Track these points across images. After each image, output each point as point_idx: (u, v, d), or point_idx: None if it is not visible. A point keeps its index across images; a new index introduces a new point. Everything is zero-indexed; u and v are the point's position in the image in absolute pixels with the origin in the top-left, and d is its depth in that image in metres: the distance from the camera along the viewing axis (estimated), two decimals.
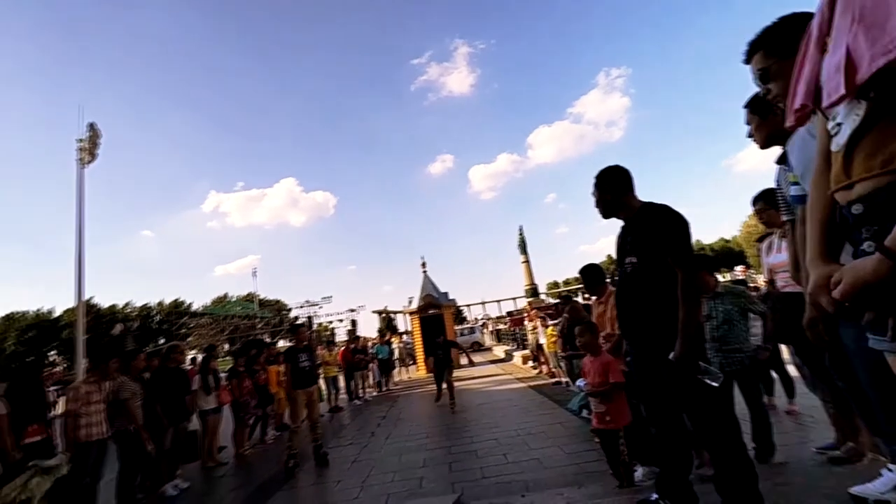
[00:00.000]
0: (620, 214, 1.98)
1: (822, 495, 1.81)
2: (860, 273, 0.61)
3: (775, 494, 1.82)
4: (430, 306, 16.66)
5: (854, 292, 0.61)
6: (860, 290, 0.60)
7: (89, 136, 18.77)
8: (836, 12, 0.70)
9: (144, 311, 68.57)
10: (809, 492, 1.84)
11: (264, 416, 7.27)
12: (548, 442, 4.81)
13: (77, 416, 3.92)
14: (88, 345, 14.44)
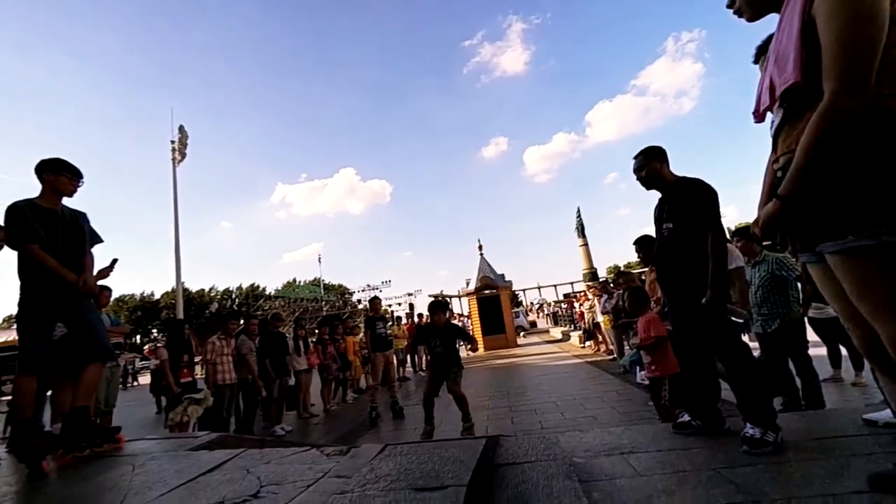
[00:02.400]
0: (658, 187, 2.36)
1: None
2: (767, 211, 1.04)
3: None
4: (487, 287, 17.19)
5: (764, 224, 1.04)
6: (766, 222, 1.04)
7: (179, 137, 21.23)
8: (769, 52, 1.11)
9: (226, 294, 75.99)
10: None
11: (344, 379, 8.30)
12: (603, 404, 5.21)
13: (214, 364, 4.98)
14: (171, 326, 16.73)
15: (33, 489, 2.15)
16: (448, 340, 4.62)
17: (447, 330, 4.70)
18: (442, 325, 4.67)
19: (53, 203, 2.75)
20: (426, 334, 4.80)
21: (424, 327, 5.58)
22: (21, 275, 2.60)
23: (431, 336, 4.68)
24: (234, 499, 1.50)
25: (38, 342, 2.52)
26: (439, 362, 4.63)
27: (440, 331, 4.63)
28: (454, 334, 4.74)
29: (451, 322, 4.98)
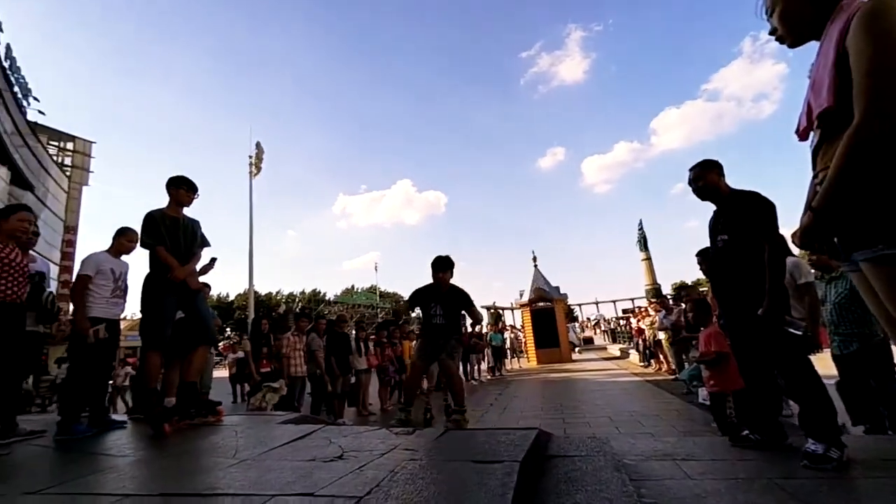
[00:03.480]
0: (713, 198, 2.40)
1: None
2: (802, 223, 1.14)
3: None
4: (541, 299, 16.99)
5: (800, 235, 1.15)
6: (802, 233, 1.15)
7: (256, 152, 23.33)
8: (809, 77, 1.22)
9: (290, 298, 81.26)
10: None
11: (400, 382, 8.67)
12: (661, 422, 5.06)
13: (288, 358, 5.53)
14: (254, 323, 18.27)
15: (159, 445, 2.63)
16: (451, 309, 3.73)
17: (452, 295, 3.76)
18: (446, 288, 3.74)
19: (176, 212, 3.35)
20: (425, 297, 3.81)
21: (424, 288, 3.93)
22: (151, 269, 3.18)
23: (432, 300, 3.77)
24: (323, 458, 1.80)
25: (164, 325, 3.07)
26: (436, 334, 3.77)
27: (443, 296, 3.75)
28: (459, 302, 3.79)
29: (458, 287, 3.88)
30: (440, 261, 3.87)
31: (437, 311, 3.74)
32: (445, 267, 3.81)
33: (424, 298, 3.84)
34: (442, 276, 3.77)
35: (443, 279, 3.78)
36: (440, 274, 3.79)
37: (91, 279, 3.46)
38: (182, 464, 2.07)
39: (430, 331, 3.88)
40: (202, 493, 1.45)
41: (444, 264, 3.83)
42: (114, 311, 3.64)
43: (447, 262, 3.88)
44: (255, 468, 1.75)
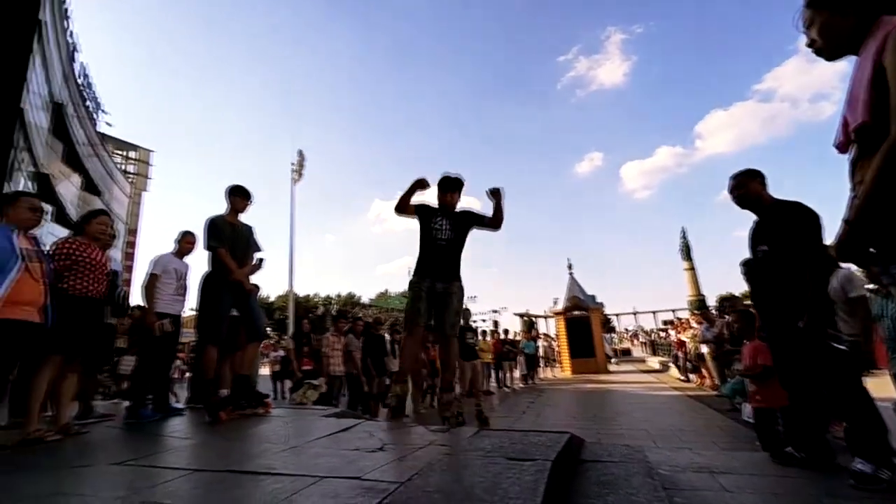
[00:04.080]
0: (754, 208, 2.36)
1: None
2: (836, 235, 1.16)
3: None
4: (577, 308, 16.68)
5: (836, 247, 1.16)
6: (837, 246, 1.16)
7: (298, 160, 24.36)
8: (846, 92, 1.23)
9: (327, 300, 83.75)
10: None
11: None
12: (701, 438, 4.88)
13: (328, 357, 5.79)
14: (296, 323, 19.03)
15: (216, 431, 2.88)
16: (460, 228, 3.07)
17: (461, 215, 3.16)
18: (453, 208, 3.14)
19: (234, 218, 3.65)
20: (430, 210, 3.10)
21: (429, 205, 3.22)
22: (212, 270, 3.48)
23: (438, 214, 3.07)
24: (366, 448, 1.94)
25: (221, 321, 3.35)
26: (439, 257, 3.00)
27: (450, 213, 3.12)
28: (469, 221, 3.15)
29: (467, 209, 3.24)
30: (448, 180, 3.11)
31: (443, 225, 2.99)
32: (454, 187, 3.09)
33: (429, 211, 3.06)
34: (450, 199, 3.06)
35: (450, 202, 3.07)
36: (448, 195, 3.06)
37: (159, 278, 3.83)
38: (239, 448, 2.27)
39: (432, 253, 3.01)
40: (260, 471, 1.62)
41: (453, 184, 3.09)
42: (176, 308, 4.00)
43: (456, 182, 3.12)
44: (305, 454, 1.91)
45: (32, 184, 15.79)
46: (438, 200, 3.17)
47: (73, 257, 3.06)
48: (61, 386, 2.99)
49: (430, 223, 3.06)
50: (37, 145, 15.39)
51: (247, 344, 3.56)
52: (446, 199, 3.16)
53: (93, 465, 2.03)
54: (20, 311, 2.48)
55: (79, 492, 1.63)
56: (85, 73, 23.91)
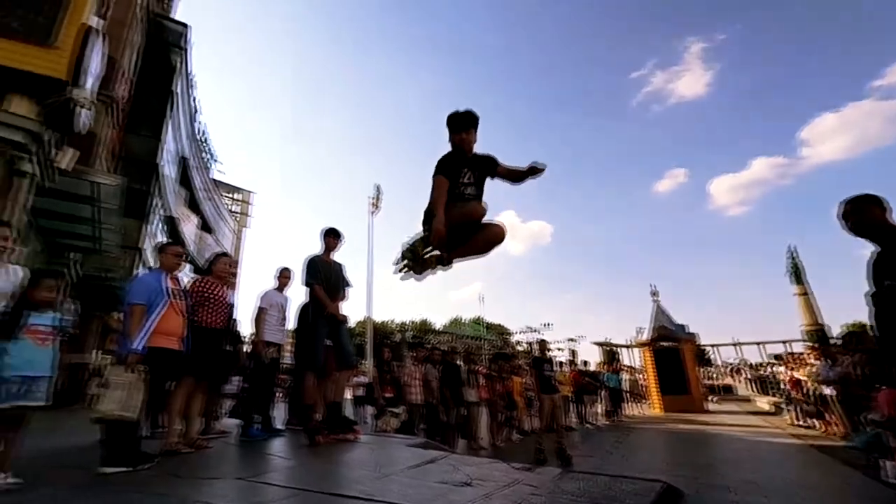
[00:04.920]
0: (874, 237, 2.09)
1: None
2: None
3: None
4: (664, 338, 15.36)
5: None
6: None
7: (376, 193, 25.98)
8: None
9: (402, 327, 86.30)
10: None
11: (510, 418, 8.61)
12: (830, 498, 4.19)
13: (408, 386, 6.01)
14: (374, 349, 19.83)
15: (314, 454, 3.15)
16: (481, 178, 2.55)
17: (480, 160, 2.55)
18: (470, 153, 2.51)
19: (328, 256, 4.07)
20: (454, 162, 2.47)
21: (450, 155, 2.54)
22: (309, 303, 3.88)
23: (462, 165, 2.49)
24: (453, 482, 2.02)
25: (318, 351, 3.70)
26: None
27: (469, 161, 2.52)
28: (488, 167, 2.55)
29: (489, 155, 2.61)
30: (460, 117, 2.47)
31: (468, 179, 2.49)
32: (468, 123, 2.47)
33: (454, 164, 2.47)
34: (465, 138, 2.45)
35: (466, 141, 2.46)
36: (462, 135, 2.45)
37: (266, 311, 4.36)
38: (336, 471, 2.48)
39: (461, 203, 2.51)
40: (362, 497, 1.78)
41: (467, 120, 2.46)
42: (279, 337, 4.50)
43: (470, 118, 2.47)
44: (397, 483, 2.04)
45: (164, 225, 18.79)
46: (451, 142, 2.48)
47: (205, 294, 3.64)
48: (191, 404, 3.49)
49: (457, 179, 2.45)
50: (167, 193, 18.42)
51: (338, 372, 3.87)
52: (460, 138, 2.47)
53: (222, 479, 2.36)
54: (165, 339, 3.00)
55: (213, 502, 1.92)
56: (203, 130, 28.32)
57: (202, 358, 3.41)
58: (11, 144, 5.41)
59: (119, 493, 2.10)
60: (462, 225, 2.31)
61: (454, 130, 2.50)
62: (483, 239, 2.44)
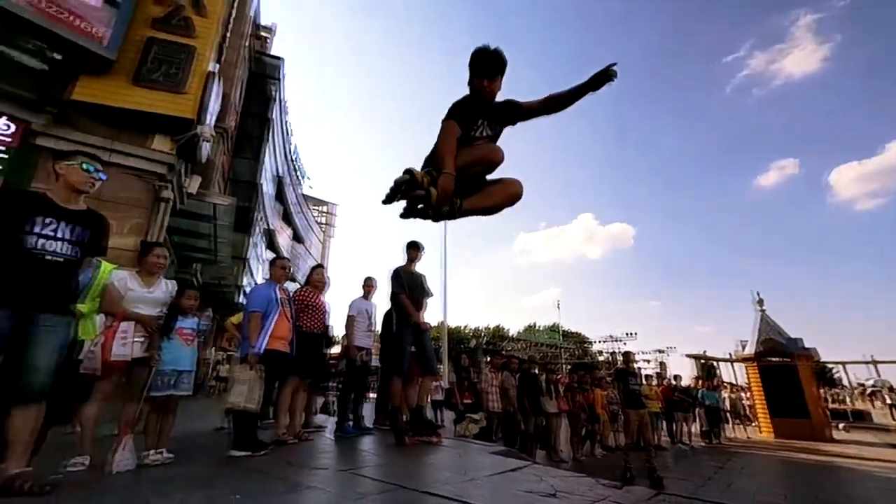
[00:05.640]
0: None
1: None
2: None
3: None
4: (774, 352, 13.60)
5: None
6: None
7: None
8: None
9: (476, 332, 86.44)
10: None
11: (592, 432, 8.24)
12: None
13: (487, 393, 6.07)
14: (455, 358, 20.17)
15: (402, 453, 3.36)
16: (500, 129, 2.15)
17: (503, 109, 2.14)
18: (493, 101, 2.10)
19: (411, 267, 4.32)
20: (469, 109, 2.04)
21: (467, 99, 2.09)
22: (396, 313, 4.15)
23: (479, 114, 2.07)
24: (538, 492, 2.05)
25: (404, 357, 3.94)
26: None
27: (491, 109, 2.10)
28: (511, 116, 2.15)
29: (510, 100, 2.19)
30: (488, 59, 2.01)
31: (483, 132, 2.09)
32: (496, 69, 2.03)
33: (470, 111, 2.03)
34: (489, 86, 2.04)
35: (489, 89, 2.05)
36: (486, 81, 2.02)
37: (355, 318, 4.74)
38: (426, 471, 2.63)
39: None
40: (453, 498, 1.89)
41: (496, 64, 2.01)
42: (367, 342, 4.85)
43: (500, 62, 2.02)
44: (485, 488, 2.12)
45: (263, 237, 21.13)
46: (471, 87, 2.06)
47: (306, 302, 4.08)
48: (295, 401, 3.92)
49: (469, 129, 2.03)
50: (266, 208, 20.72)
51: (421, 378, 4.08)
52: (482, 85, 2.03)
53: (326, 469, 2.64)
54: (278, 343, 3.42)
55: (327, 489, 2.17)
56: (294, 150, 31.35)
57: (305, 359, 3.82)
58: (156, 175, 6.52)
59: (247, 473, 2.46)
60: (475, 170, 1.91)
61: (478, 73, 2.04)
62: (499, 192, 2.00)
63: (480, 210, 1.98)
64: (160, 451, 2.71)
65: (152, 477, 2.36)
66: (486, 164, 1.93)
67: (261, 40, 18.08)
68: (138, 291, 2.81)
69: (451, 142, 1.86)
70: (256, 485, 2.20)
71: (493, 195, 1.99)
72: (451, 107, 2.05)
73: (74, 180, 2.22)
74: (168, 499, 1.89)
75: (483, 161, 1.92)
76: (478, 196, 1.96)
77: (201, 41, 7.17)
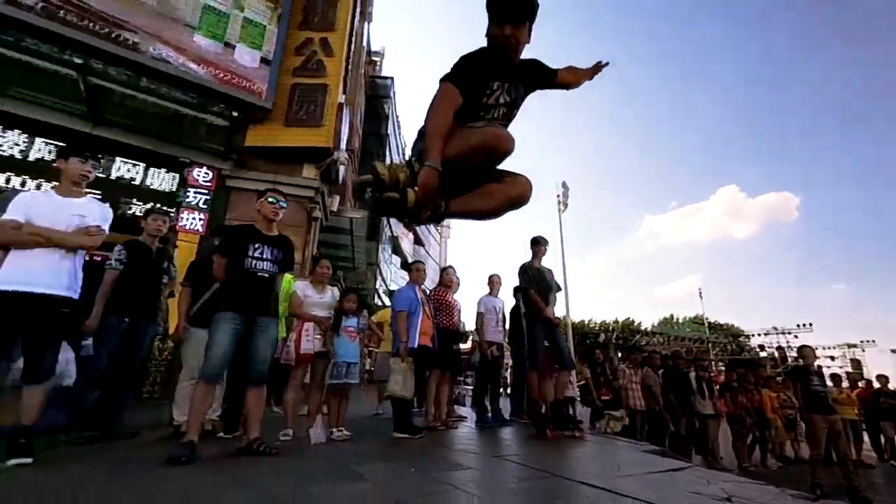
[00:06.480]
0: None
1: None
2: None
3: None
4: None
5: None
6: None
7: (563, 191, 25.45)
8: None
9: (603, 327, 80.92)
10: None
11: (763, 439, 7.09)
12: None
13: (627, 389, 5.73)
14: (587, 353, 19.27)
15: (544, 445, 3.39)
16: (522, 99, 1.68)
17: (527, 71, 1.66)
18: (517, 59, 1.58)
19: (539, 263, 4.33)
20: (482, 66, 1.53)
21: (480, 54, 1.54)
22: (526, 308, 4.21)
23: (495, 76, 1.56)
24: (710, 495, 1.90)
25: (538, 351, 3.98)
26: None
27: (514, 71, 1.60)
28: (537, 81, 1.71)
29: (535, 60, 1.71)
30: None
31: (499, 98, 1.60)
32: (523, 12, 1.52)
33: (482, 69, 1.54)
34: (512, 33, 1.50)
35: (513, 39, 1.51)
36: (507, 28, 1.49)
37: (485, 315, 4.93)
38: (575, 464, 2.64)
39: None
40: (615, 491, 1.87)
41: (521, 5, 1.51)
42: (498, 337, 5.01)
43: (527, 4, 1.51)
44: (647, 485, 2.04)
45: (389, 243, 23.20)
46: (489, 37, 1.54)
47: (440, 301, 4.41)
48: (441, 392, 4.26)
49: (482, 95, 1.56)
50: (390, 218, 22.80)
51: (557, 372, 4.06)
52: (508, 38, 1.50)
53: (478, 455, 2.83)
54: (425, 338, 3.77)
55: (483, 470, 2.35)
56: None
57: (445, 354, 4.14)
58: (307, 199, 7.71)
59: (411, 452, 2.80)
60: (472, 161, 1.39)
61: (497, 19, 1.50)
62: (500, 193, 1.51)
63: (473, 214, 1.56)
64: (341, 429, 3.25)
65: (341, 449, 2.84)
66: (488, 154, 1.39)
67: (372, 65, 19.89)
68: (313, 297, 3.41)
69: (444, 116, 1.37)
70: (423, 462, 2.49)
71: (492, 196, 1.51)
72: (456, 62, 1.50)
73: (267, 212, 2.82)
74: (360, 466, 2.27)
75: (485, 150, 1.38)
76: (471, 196, 1.51)
77: (332, 78, 8.25)
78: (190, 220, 6.85)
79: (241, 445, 2.52)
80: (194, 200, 7.01)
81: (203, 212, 7.00)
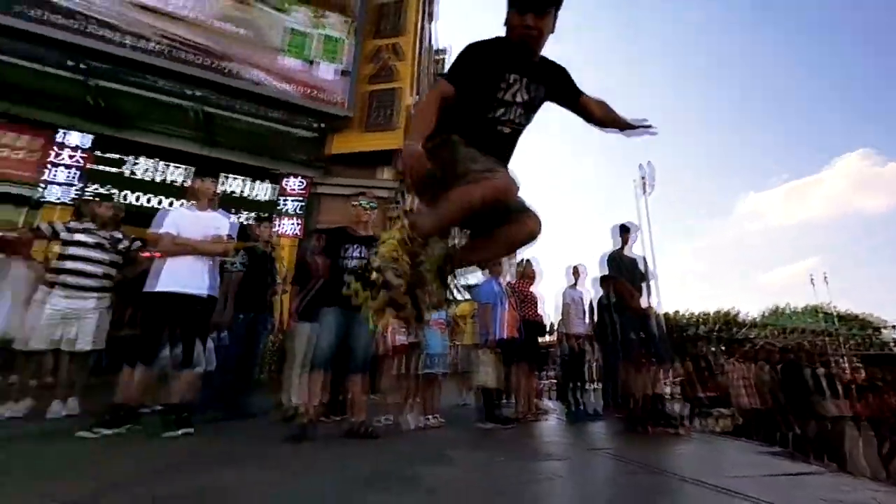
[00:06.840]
0: None
1: None
2: None
3: None
4: None
5: None
6: None
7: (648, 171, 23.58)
8: None
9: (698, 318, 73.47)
10: None
11: None
12: None
13: (735, 387, 5.22)
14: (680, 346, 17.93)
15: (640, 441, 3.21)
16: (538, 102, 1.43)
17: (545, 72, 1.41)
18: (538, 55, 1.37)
19: (628, 251, 4.11)
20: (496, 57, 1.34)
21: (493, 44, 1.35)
22: (616, 299, 4.02)
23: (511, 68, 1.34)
24: (833, 499, 1.69)
25: (628, 344, 3.78)
26: (499, 147, 1.37)
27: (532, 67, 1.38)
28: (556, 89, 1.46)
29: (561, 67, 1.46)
30: None
31: (516, 97, 1.37)
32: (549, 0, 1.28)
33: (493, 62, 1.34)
34: (535, 23, 1.29)
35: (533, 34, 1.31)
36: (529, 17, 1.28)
37: (570, 306, 4.81)
38: (680, 462, 2.48)
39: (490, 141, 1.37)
40: (730, 490, 1.74)
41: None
42: (582, 330, 4.85)
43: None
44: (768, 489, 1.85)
45: None
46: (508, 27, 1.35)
47: (523, 294, 4.39)
48: (529, 384, 4.25)
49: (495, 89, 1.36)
50: None
51: (654, 367, 3.82)
52: (530, 29, 1.31)
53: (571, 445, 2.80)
54: (511, 330, 3.80)
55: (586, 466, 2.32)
56: None
57: (529, 345, 4.12)
58: (385, 199, 8.10)
59: (500, 441, 2.86)
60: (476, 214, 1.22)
61: (520, 6, 1.30)
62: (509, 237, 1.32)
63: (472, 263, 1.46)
64: (436, 416, 3.41)
65: (434, 435, 2.99)
66: (492, 205, 1.20)
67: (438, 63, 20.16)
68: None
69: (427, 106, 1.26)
70: (513, 452, 2.53)
71: (498, 244, 1.35)
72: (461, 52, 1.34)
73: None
74: (455, 451, 2.38)
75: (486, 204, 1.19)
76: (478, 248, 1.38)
77: (403, 82, 8.56)
78: (289, 227, 7.61)
79: (347, 428, 2.77)
80: (291, 208, 7.76)
81: (299, 217, 7.73)
